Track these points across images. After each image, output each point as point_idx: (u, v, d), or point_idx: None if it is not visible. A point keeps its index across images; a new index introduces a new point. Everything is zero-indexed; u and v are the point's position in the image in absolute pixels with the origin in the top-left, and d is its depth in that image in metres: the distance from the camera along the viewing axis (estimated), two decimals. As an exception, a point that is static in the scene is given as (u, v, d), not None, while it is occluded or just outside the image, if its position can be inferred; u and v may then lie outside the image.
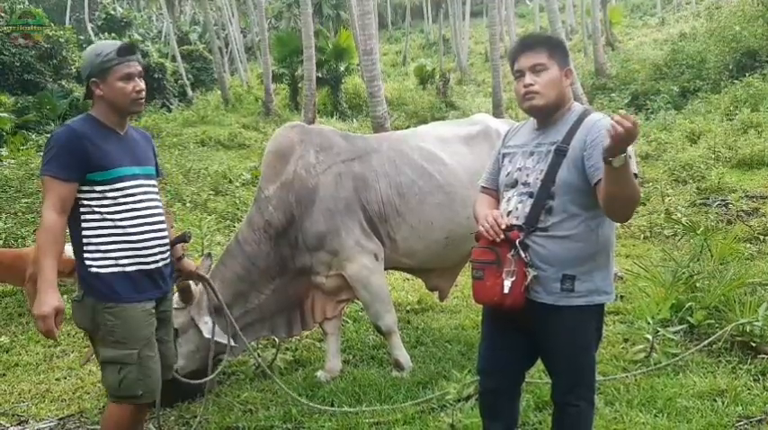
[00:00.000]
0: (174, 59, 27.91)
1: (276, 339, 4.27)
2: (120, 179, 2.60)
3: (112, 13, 34.52)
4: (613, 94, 18.44)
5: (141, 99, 2.66)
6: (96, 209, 2.58)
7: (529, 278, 2.38)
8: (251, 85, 28.83)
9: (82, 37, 36.76)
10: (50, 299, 2.42)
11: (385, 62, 33.81)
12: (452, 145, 4.22)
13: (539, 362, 2.66)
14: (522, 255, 2.38)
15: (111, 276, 2.58)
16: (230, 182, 10.93)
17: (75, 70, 19.69)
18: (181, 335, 3.42)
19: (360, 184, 3.90)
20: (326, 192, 3.82)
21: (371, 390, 3.72)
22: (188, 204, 9.29)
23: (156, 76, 23.76)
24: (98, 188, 2.57)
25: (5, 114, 15.57)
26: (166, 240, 2.75)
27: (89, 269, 2.58)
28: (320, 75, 20.49)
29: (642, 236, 7.21)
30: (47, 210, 2.49)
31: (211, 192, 10.08)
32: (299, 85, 20.99)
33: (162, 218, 2.74)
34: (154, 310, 2.69)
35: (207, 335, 3.47)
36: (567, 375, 2.49)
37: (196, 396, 3.64)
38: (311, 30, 17.61)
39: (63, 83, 19.99)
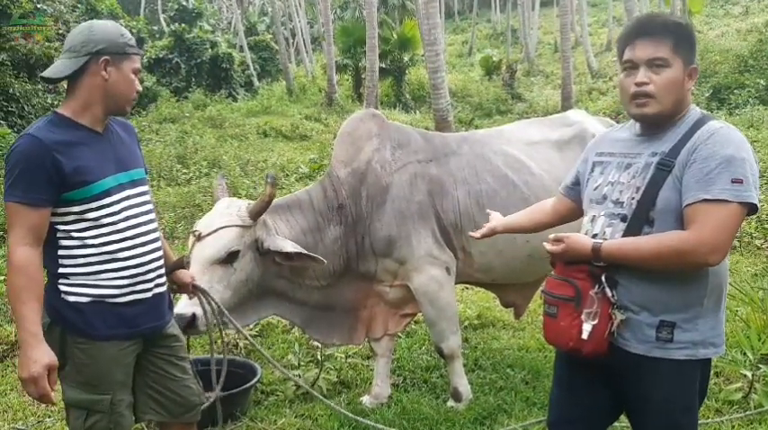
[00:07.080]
0: (241, 50, 28.09)
1: (318, 356, 3.92)
2: (104, 194, 2.15)
3: (185, 3, 35.07)
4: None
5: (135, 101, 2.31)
6: (74, 233, 2.13)
7: (615, 323, 1.91)
8: (315, 75, 28.71)
9: (155, 27, 37.65)
10: (38, 354, 1.99)
11: (450, 53, 33.08)
12: (542, 150, 3.75)
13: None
14: (609, 294, 1.91)
15: (92, 308, 2.14)
16: (287, 176, 10.69)
17: (145, 60, 19.81)
18: (239, 260, 3.03)
19: (435, 189, 3.51)
20: (399, 193, 3.45)
21: (422, 425, 3.31)
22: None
23: (223, 65, 23.98)
24: (75, 209, 2.12)
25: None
26: (162, 261, 2.31)
27: (64, 298, 2.14)
28: (384, 65, 20.09)
29: (730, 245, 6.49)
30: (16, 245, 2.03)
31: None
32: (363, 75, 20.65)
33: (157, 234, 2.30)
34: (135, 347, 2.26)
35: (290, 249, 3.09)
36: (660, 441, 2.01)
37: (228, 421, 3.32)
38: (374, 19, 17.20)
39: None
